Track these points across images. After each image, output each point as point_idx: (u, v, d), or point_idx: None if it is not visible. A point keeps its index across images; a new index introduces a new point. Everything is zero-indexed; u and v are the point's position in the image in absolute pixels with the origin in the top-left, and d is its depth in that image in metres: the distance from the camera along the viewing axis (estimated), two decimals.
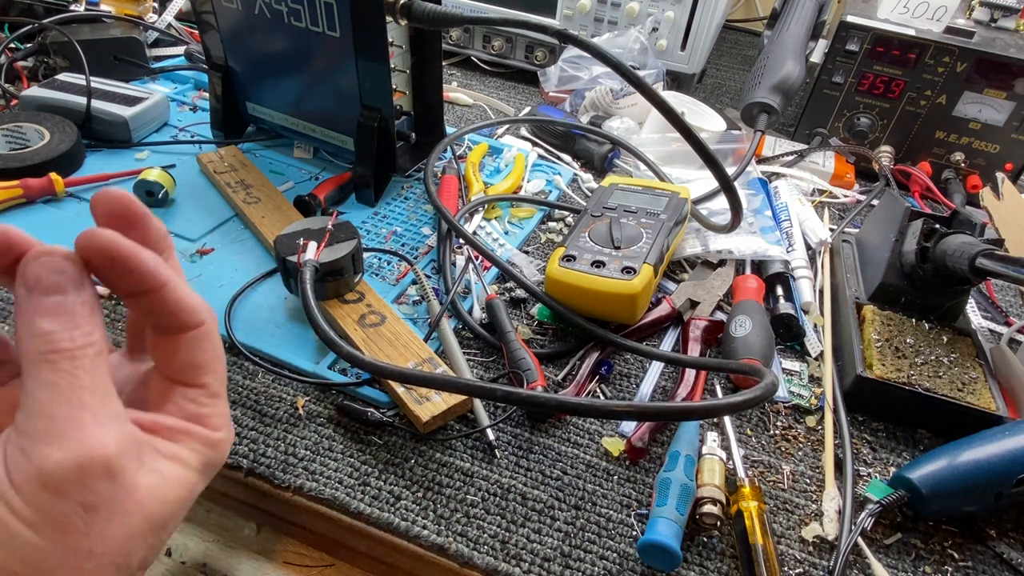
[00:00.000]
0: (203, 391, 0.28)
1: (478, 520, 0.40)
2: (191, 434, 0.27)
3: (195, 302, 0.27)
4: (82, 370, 0.23)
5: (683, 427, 0.44)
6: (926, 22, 0.73)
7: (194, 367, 0.28)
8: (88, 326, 0.24)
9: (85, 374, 0.23)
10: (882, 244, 0.55)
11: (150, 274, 0.25)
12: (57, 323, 0.23)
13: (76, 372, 0.23)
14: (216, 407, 0.28)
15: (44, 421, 0.23)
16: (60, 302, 0.23)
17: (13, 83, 0.74)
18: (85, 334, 0.24)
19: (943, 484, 0.41)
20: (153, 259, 0.25)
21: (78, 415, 0.23)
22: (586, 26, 0.87)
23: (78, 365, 0.23)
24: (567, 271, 0.50)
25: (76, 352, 0.23)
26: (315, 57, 0.59)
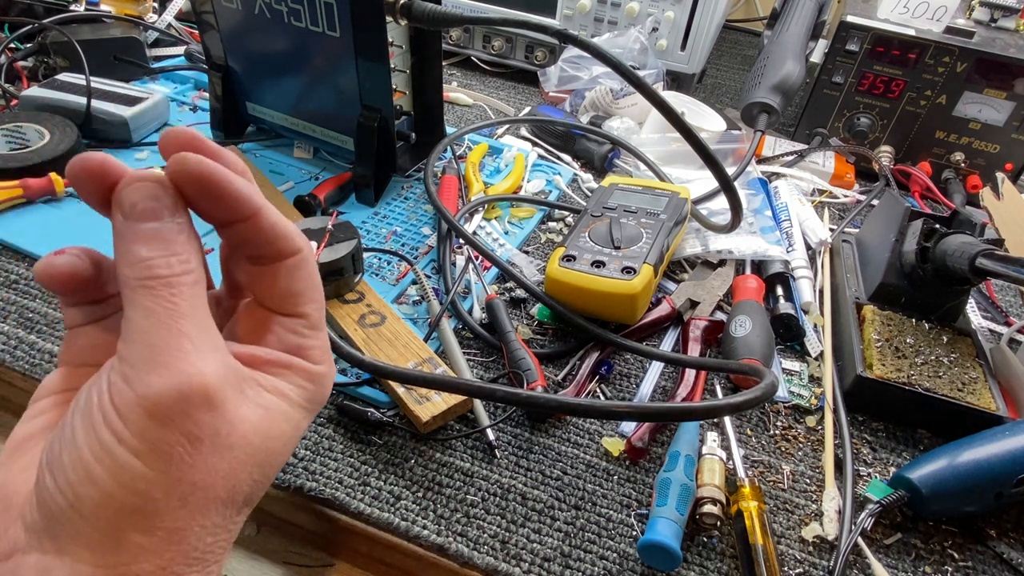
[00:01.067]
0: (303, 321, 0.27)
1: (478, 520, 0.40)
2: (293, 367, 0.26)
3: (290, 228, 0.26)
4: (180, 297, 0.23)
5: (683, 427, 0.44)
6: (926, 22, 0.73)
7: (293, 296, 0.27)
8: (185, 253, 0.23)
9: (183, 301, 0.23)
10: (882, 244, 0.55)
11: (244, 199, 0.24)
12: (154, 249, 0.23)
13: (174, 299, 0.23)
14: (317, 339, 0.27)
15: (144, 349, 0.22)
16: (157, 228, 0.23)
17: (13, 83, 0.74)
18: (182, 261, 0.23)
19: (943, 484, 0.41)
20: (245, 184, 0.24)
21: (176, 343, 0.22)
22: (586, 26, 0.87)
23: (176, 292, 0.23)
24: (567, 271, 0.50)
25: (173, 279, 0.23)
26: (315, 57, 0.59)
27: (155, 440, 0.22)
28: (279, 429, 0.25)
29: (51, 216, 0.58)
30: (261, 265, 0.26)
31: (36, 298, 0.51)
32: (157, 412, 0.22)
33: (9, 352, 0.46)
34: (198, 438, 0.23)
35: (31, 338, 0.47)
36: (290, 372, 0.26)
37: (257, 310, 0.27)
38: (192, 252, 0.24)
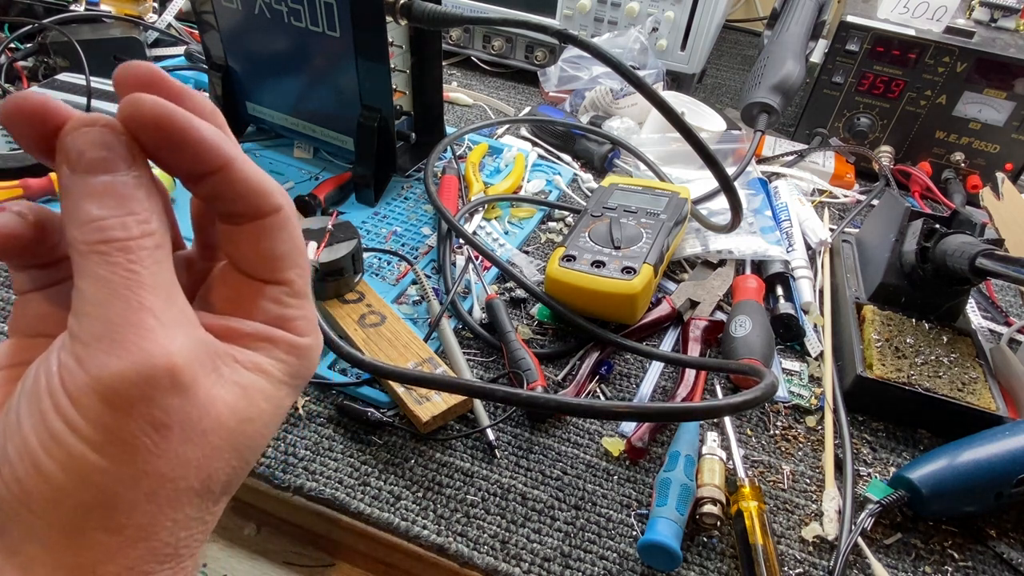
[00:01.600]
0: (285, 288, 0.24)
1: (478, 520, 0.40)
2: (274, 340, 0.23)
3: (268, 183, 0.22)
4: (139, 264, 0.19)
5: (683, 427, 0.44)
6: (926, 22, 0.73)
7: (274, 259, 0.23)
8: (144, 212, 0.20)
9: (144, 269, 0.20)
10: (882, 244, 0.55)
11: (211, 148, 0.20)
12: (107, 207, 0.19)
13: (132, 267, 0.19)
14: (302, 308, 0.24)
15: (99, 324, 0.19)
16: (109, 182, 0.19)
17: (13, 83, 0.74)
18: (141, 221, 0.20)
19: (943, 484, 0.41)
20: (213, 131, 0.20)
21: (137, 317, 0.19)
22: (586, 26, 0.87)
23: (134, 258, 0.19)
24: (567, 271, 0.50)
25: (131, 243, 0.19)
26: (315, 57, 0.59)
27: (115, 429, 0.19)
28: (258, 409, 0.22)
29: None
30: (237, 225, 0.23)
31: None
32: (116, 398, 0.19)
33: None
34: (165, 425, 0.20)
35: None
36: (272, 346, 0.23)
37: (233, 275, 0.24)
38: (153, 211, 0.20)
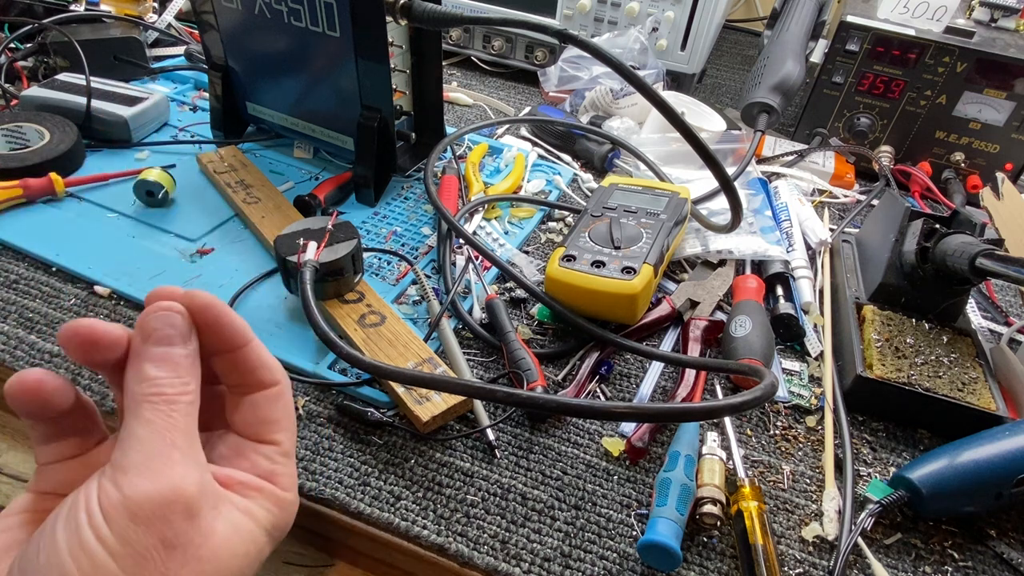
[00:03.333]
0: (276, 448, 0.30)
1: (478, 520, 0.40)
2: (262, 491, 0.28)
3: (274, 362, 0.30)
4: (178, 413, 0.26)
5: (683, 427, 0.44)
6: (926, 22, 0.73)
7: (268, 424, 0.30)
8: (188, 376, 0.27)
9: (181, 417, 0.26)
10: (882, 244, 0.55)
11: (240, 332, 0.28)
12: (163, 371, 0.26)
13: (172, 414, 0.26)
14: (287, 467, 0.30)
15: (138, 455, 0.25)
16: (168, 353, 0.26)
17: (13, 83, 0.74)
18: (185, 383, 0.26)
19: (943, 484, 0.41)
20: (242, 321, 0.28)
21: (168, 452, 0.25)
22: (586, 26, 0.87)
23: (175, 409, 0.26)
24: (567, 271, 0.50)
25: (175, 397, 0.26)
26: (315, 57, 0.59)
27: (134, 543, 0.23)
28: (244, 549, 0.27)
29: (51, 216, 0.58)
30: (241, 395, 0.29)
31: (36, 298, 0.51)
32: (141, 514, 0.24)
33: (9, 352, 0.46)
34: (173, 545, 0.24)
35: (31, 338, 0.47)
36: (261, 496, 0.28)
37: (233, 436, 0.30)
38: (194, 376, 0.27)
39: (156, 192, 0.59)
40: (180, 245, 0.57)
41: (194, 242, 0.57)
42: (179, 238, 0.57)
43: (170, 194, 0.60)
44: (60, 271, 0.53)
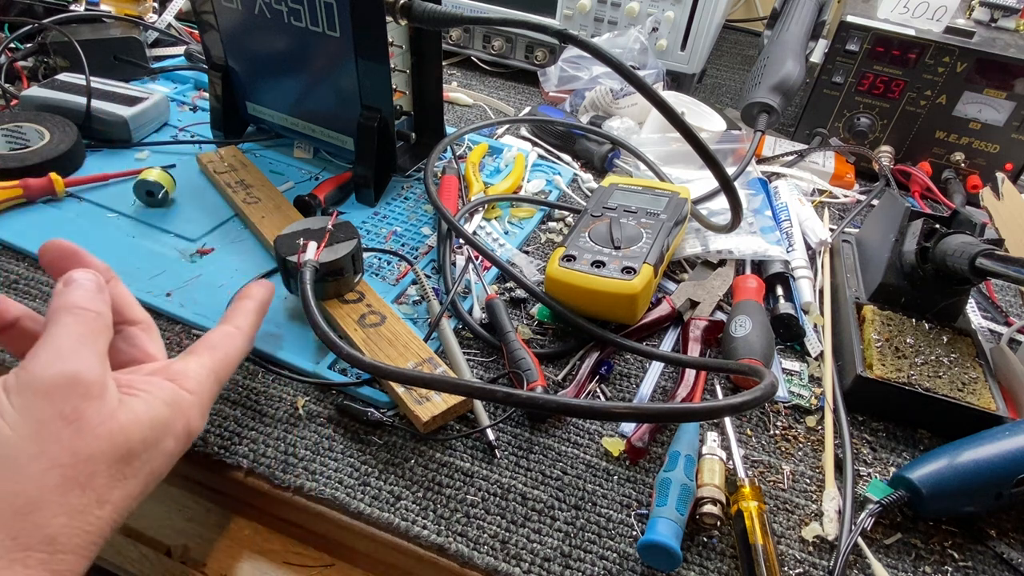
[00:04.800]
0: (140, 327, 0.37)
1: (478, 520, 0.40)
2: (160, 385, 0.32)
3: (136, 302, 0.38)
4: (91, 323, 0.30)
5: (683, 427, 0.44)
6: (926, 22, 0.73)
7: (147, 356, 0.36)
8: (103, 306, 0.32)
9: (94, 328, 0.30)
10: (882, 244, 0.55)
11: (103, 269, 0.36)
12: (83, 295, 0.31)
13: (86, 322, 0.30)
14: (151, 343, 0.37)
15: (50, 348, 0.28)
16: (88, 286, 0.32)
17: (13, 83, 0.74)
18: (100, 308, 0.31)
19: (943, 484, 0.41)
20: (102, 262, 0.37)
21: (78, 347, 0.29)
22: (586, 26, 0.87)
23: (89, 319, 0.30)
24: (567, 271, 0.50)
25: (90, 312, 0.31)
26: (315, 57, 0.59)
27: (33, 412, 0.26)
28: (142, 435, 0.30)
29: (51, 216, 0.58)
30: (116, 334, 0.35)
31: (36, 298, 0.51)
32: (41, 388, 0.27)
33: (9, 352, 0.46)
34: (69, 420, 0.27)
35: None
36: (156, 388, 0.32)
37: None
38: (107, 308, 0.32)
39: (156, 192, 0.59)
40: (180, 245, 0.57)
41: (194, 242, 0.57)
42: (179, 238, 0.57)
43: (170, 194, 0.60)
44: None
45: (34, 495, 0.25)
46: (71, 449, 0.27)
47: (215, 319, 0.49)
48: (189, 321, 0.50)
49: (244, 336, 0.39)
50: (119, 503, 0.29)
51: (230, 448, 0.42)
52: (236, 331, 0.39)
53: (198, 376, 0.34)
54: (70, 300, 0.31)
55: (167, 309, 0.50)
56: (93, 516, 0.27)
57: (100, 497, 0.27)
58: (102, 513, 0.28)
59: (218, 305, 0.50)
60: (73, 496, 0.26)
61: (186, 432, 0.33)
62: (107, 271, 0.36)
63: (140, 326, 0.37)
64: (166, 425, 0.31)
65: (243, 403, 0.45)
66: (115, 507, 0.28)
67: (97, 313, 0.31)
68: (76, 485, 0.27)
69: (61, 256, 0.35)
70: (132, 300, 0.37)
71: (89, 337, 0.30)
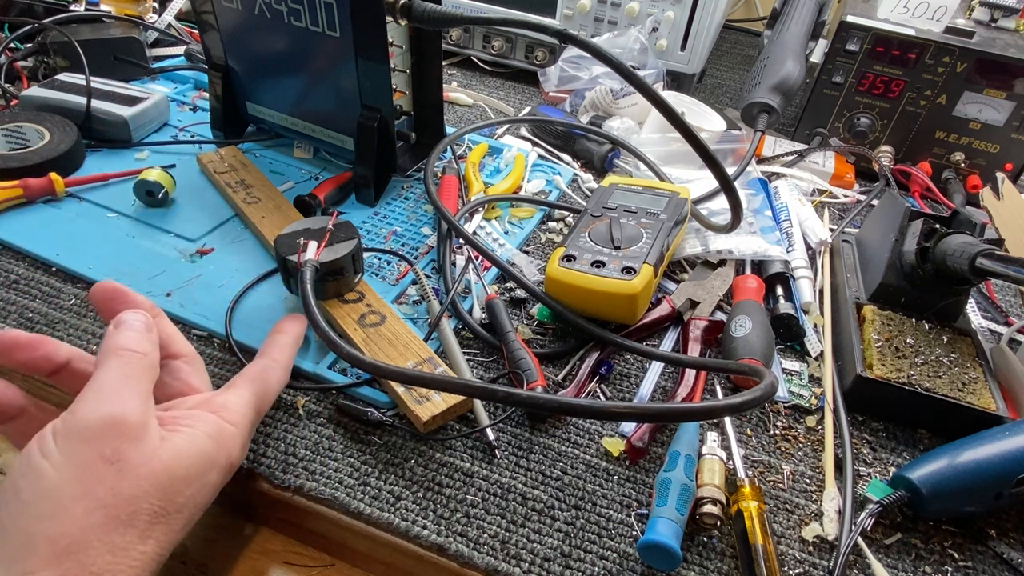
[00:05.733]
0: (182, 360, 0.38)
1: (478, 520, 0.40)
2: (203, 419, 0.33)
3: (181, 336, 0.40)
4: (138, 366, 0.32)
5: (683, 427, 0.44)
6: (926, 22, 0.73)
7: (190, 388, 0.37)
8: (150, 346, 0.33)
9: (139, 369, 0.32)
10: (882, 244, 0.55)
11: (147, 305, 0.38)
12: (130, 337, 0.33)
13: (132, 364, 0.31)
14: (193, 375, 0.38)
15: (95, 391, 0.30)
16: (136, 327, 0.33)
17: (13, 83, 0.74)
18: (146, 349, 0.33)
19: (943, 484, 0.41)
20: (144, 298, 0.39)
21: (121, 390, 0.30)
22: (586, 26, 0.87)
23: (136, 360, 0.32)
24: (567, 271, 0.50)
25: (136, 354, 0.32)
26: (315, 57, 0.59)
27: (75, 456, 0.27)
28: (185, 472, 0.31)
29: (51, 216, 0.58)
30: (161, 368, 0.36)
31: (36, 298, 0.51)
32: (84, 433, 0.28)
33: None
34: (111, 461, 0.28)
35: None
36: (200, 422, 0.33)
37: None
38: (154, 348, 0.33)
39: (156, 192, 0.59)
40: (180, 245, 0.57)
41: (194, 242, 0.57)
42: (179, 238, 0.57)
43: (170, 194, 0.60)
44: (60, 271, 0.53)
45: (78, 535, 0.26)
46: (113, 490, 0.28)
47: (215, 319, 0.49)
48: (189, 321, 0.50)
49: (282, 369, 0.41)
50: (162, 538, 0.30)
51: None
52: (274, 364, 0.40)
53: (239, 409, 0.36)
54: (117, 343, 0.32)
55: (167, 309, 0.50)
56: (137, 552, 0.28)
57: (143, 534, 0.28)
58: (146, 548, 0.28)
59: (218, 305, 0.50)
60: (116, 535, 0.27)
61: (228, 464, 0.34)
62: (152, 308, 0.38)
63: (184, 359, 0.38)
64: (210, 458, 0.32)
65: None
66: (158, 542, 0.29)
67: (143, 354, 0.32)
68: (119, 524, 0.27)
69: (110, 297, 0.36)
70: (177, 334, 0.38)
71: (133, 379, 0.31)
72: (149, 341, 0.33)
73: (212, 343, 0.49)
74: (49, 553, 0.26)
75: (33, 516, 0.26)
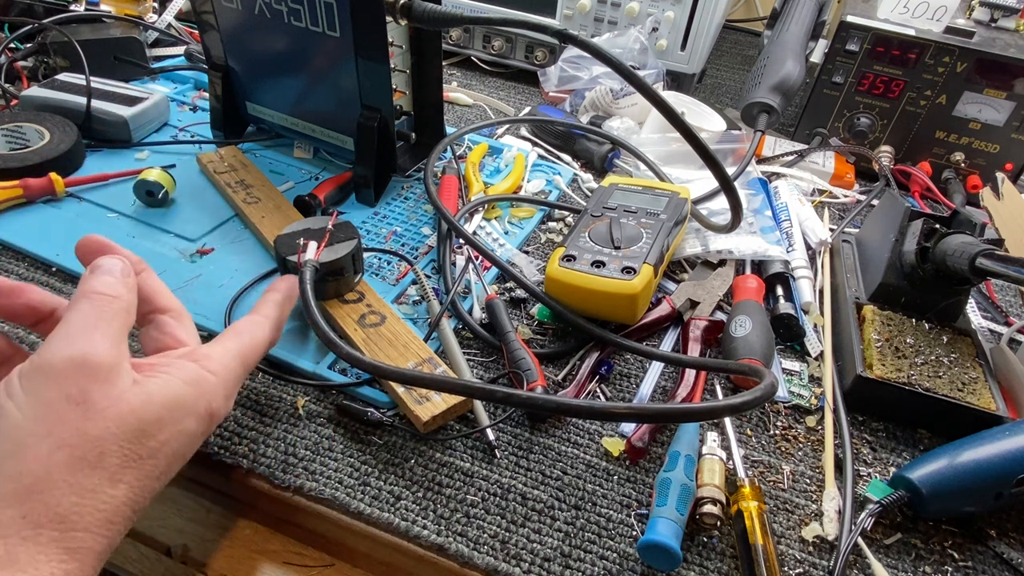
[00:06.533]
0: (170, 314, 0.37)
1: (478, 520, 0.40)
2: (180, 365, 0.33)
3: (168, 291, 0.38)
4: (109, 309, 0.30)
5: (683, 427, 0.44)
6: (926, 22, 0.73)
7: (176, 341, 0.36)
8: (124, 289, 0.32)
9: (111, 313, 0.30)
10: (882, 244, 0.55)
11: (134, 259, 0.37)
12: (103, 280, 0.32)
13: (103, 307, 0.30)
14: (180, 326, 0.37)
15: (63, 333, 0.29)
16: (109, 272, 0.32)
17: (13, 83, 0.74)
18: (119, 292, 0.32)
19: (943, 484, 0.41)
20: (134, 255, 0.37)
21: (90, 331, 0.29)
22: (586, 26, 0.87)
23: (107, 303, 0.31)
24: (567, 271, 0.50)
25: (108, 296, 0.31)
26: (315, 57, 0.59)
27: (40, 395, 0.27)
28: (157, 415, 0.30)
29: (51, 216, 0.58)
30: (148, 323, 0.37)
31: None
32: (49, 371, 0.27)
33: None
34: (76, 401, 0.27)
35: (31, 338, 0.47)
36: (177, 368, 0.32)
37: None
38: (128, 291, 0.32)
39: (156, 192, 0.59)
40: (180, 245, 0.57)
41: (194, 242, 0.57)
42: (179, 238, 0.57)
43: (170, 194, 0.60)
44: (60, 271, 0.53)
45: (42, 474, 0.26)
46: (79, 430, 0.27)
47: (215, 319, 0.49)
48: None
49: (271, 323, 0.40)
50: (135, 483, 0.29)
51: (230, 448, 0.42)
52: (263, 319, 0.40)
53: (223, 359, 0.35)
54: (89, 287, 0.31)
55: None
56: (106, 495, 0.28)
57: (113, 477, 0.28)
58: (116, 492, 0.28)
59: (218, 305, 0.50)
60: (82, 475, 0.27)
61: (208, 413, 0.33)
62: (139, 262, 0.37)
63: (171, 314, 0.37)
64: (185, 405, 0.31)
65: (243, 403, 0.45)
66: (130, 487, 0.29)
67: (113, 296, 0.31)
68: (86, 465, 0.27)
69: (94, 250, 0.35)
70: (164, 288, 0.37)
71: (103, 321, 0.30)
72: (124, 285, 0.32)
73: None
74: (11, 491, 0.25)
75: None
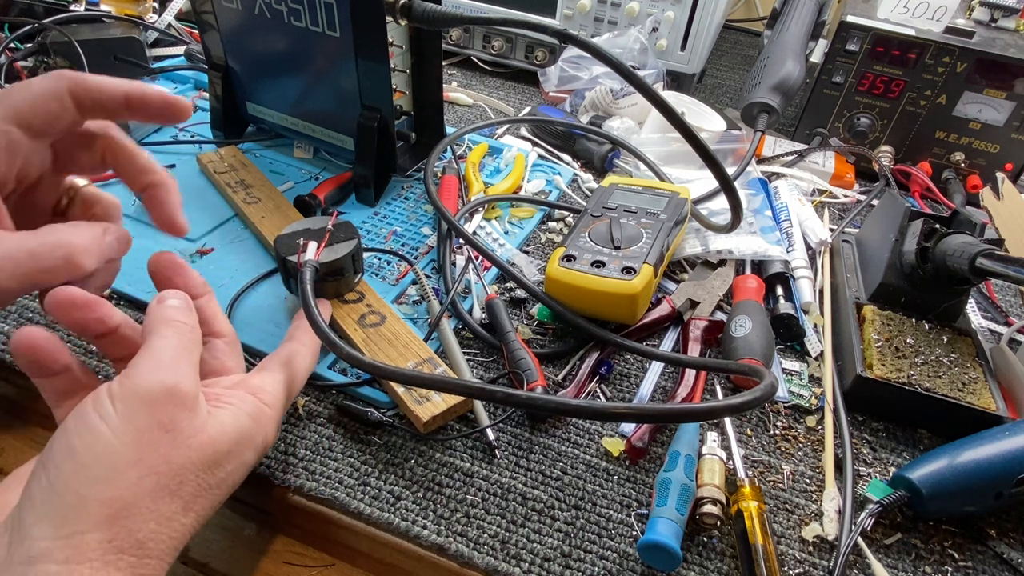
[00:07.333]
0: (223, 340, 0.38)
1: (478, 520, 0.40)
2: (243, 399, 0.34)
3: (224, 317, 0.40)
4: (188, 337, 0.32)
5: (683, 427, 0.44)
6: (926, 22, 0.73)
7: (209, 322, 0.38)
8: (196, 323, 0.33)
9: (191, 343, 0.32)
10: (882, 244, 0.55)
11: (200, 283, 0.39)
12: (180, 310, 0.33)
13: (185, 336, 0.32)
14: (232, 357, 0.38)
15: (152, 358, 0.30)
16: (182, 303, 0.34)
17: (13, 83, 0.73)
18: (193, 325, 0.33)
19: (943, 484, 0.41)
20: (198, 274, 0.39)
21: (178, 360, 0.30)
22: (586, 26, 0.87)
23: (186, 331, 0.32)
24: (567, 271, 0.50)
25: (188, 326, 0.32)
26: (315, 57, 0.59)
27: (135, 421, 0.27)
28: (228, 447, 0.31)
29: None
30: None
31: (36, 298, 0.51)
32: (145, 398, 0.28)
33: (9, 352, 0.46)
34: (167, 429, 0.28)
35: None
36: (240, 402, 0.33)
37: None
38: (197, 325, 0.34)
39: None
40: (180, 245, 0.57)
41: (194, 242, 0.57)
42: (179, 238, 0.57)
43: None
44: None
45: (129, 500, 0.26)
46: (166, 458, 0.28)
47: None
48: None
49: (311, 353, 0.41)
50: (201, 512, 0.30)
51: None
52: (303, 348, 0.40)
53: (275, 391, 0.36)
54: (169, 314, 0.32)
55: None
56: (179, 523, 0.28)
57: (186, 505, 0.28)
58: (187, 521, 0.29)
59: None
60: (163, 503, 0.27)
61: (263, 444, 0.34)
62: (203, 285, 0.38)
63: (225, 340, 0.38)
64: (249, 437, 0.32)
65: None
66: (198, 516, 0.29)
67: (192, 327, 0.33)
68: (167, 493, 0.28)
69: (166, 267, 0.37)
70: (220, 313, 0.38)
71: (186, 351, 0.31)
72: (193, 318, 0.33)
73: None
74: (101, 516, 0.26)
75: (88, 478, 0.26)
